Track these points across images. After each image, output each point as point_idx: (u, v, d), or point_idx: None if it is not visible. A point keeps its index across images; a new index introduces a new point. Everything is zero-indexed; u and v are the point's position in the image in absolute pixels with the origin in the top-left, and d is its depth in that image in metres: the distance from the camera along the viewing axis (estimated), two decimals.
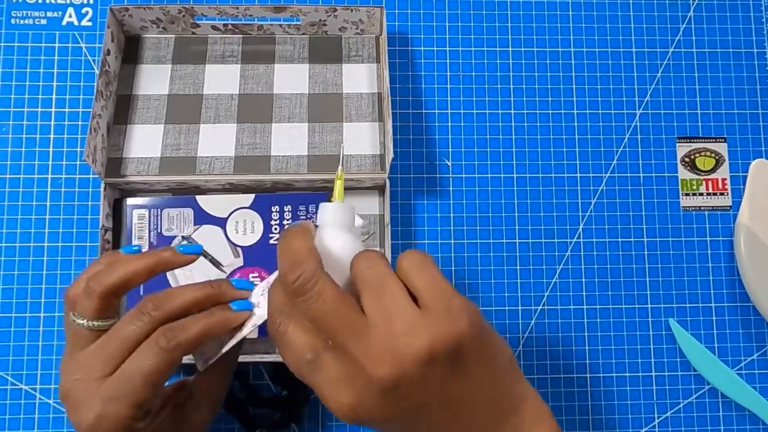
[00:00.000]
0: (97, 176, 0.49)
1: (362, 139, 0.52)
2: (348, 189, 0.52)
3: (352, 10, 0.52)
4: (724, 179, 0.55)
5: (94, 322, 0.34)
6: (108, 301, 0.34)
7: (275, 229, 0.49)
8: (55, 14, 0.55)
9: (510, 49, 0.56)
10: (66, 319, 0.35)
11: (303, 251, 0.30)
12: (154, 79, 0.53)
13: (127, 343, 0.33)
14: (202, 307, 0.35)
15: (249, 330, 0.35)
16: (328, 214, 0.34)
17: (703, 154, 0.55)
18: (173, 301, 0.34)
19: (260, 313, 0.35)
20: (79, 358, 0.34)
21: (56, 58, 0.54)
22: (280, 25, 0.54)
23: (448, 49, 0.56)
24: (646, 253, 0.53)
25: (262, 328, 0.34)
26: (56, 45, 0.54)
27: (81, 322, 0.34)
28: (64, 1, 0.55)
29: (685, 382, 0.51)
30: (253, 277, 0.48)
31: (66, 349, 0.35)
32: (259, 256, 0.49)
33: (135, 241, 0.48)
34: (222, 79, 0.53)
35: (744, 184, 0.55)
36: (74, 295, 0.35)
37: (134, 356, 0.33)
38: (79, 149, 0.52)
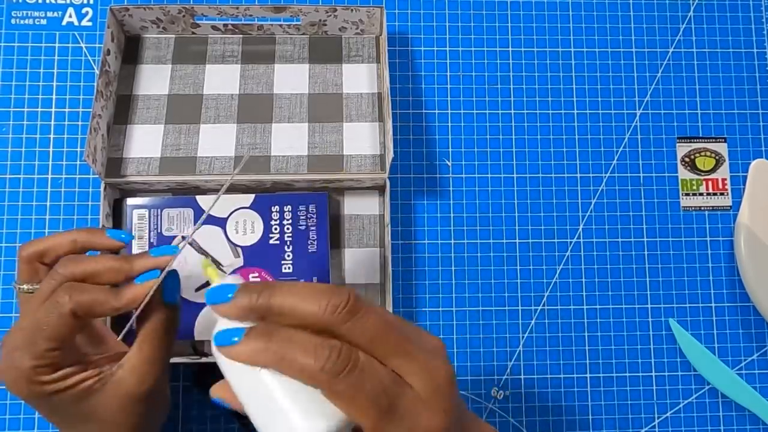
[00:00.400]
0: (97, 176, 0.49)
1: (362, 139, 0.52)
2: (348, 189, 0.52)
3: (352, 10, 0.52)
4: (724, 179, 0.55)
5: (23, 285, 0.37)
6: (32, 265, 0.37)
7: (275, 229, 0.49)
8: (55, 14, 0.55)
9: (510, 49, 0.56)
10: None
11: (319, 285, 0.29)
12: (154, 79, 0.53)
13: (39, 300, 0.34)
14: (114, 277, 0.35)
15: (152, 289, 0.34)
16: None
17: (703, 154, 0.55)
18: (81, 264, 0.35)
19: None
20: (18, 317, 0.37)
21: (56, 58, 0.54)
22: (280, 25, 0.54)
23: (448, 49, 0.56)
24: (646, 253, 0.53)
25: None
26: (56, 45, 0.54)
27: (16, 285, 0.38)
28: (64, 1, 0.55)
29: (685, 382, 0.51)
30: (253, 277, 0.48)
31: None
32: (259, 256, 0.49)
33: (135, 242, 0.48)
34: (222, 79, 0.53)
35: (744, 184, 0.55)
36: None
37: (38, 310, 0.34)
38: (79, 149, 0.52)
